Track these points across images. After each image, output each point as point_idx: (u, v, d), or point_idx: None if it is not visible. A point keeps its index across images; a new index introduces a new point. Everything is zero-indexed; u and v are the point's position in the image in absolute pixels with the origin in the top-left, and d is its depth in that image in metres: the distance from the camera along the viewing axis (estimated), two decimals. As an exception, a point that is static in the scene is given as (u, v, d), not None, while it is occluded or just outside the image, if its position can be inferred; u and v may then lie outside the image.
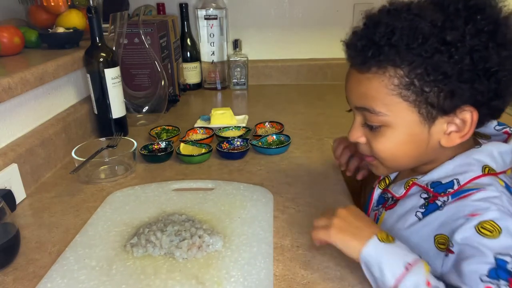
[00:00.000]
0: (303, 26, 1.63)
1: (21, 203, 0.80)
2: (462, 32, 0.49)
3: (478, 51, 0.49)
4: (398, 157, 0.58)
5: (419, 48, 0.50)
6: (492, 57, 0.49)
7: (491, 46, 0.49)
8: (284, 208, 0.75)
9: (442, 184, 0.56)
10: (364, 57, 0.53)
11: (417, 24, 0.50)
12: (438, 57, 0.49)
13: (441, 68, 0.50)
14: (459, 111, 0.53)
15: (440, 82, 0.51)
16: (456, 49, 0.49)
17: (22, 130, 0.88)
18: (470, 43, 0.49)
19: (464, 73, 0.50)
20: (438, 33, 0.49)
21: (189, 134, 1.07)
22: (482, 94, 0.51)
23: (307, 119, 1.23)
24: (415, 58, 0.50)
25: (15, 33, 0.99)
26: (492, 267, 0.46)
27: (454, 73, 0.50)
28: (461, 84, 0.50)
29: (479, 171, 0.54)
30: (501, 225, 0.48)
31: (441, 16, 0.50)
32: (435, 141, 0.56)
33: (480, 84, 0.50)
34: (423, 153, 0.57)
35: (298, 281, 0.58)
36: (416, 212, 0.58)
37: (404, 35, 0.50)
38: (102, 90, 1.03)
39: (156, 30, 1.25)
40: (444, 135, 0.55)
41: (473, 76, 0.50)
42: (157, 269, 0.59)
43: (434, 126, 0.54)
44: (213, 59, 1.55)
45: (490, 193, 0.52)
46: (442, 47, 0.49)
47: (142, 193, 0.81)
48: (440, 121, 0.54)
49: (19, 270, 0.62)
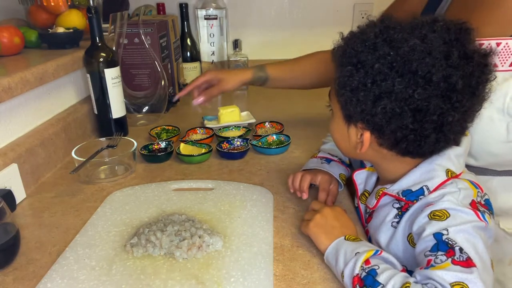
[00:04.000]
0: (303, 26, 1.63)
1: (21, 203, 0.80)
2: (375, 60, 0.54)
3: (382, 81, 0.53)
4: (336, 140, 0.67)
5: (348, 58, 0.57)
6: (392, 91, 0.53)
7: (397, 82, 0.52)
8: (284, 208, 0.75)
9: (413, 192, 0.59)
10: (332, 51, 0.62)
11: (358, 40, 0.56)
12: (349, 70, 0.56)
13: (347, 80, 0.56)
14: (358, 126, 0.59)
15: (345, 92, 0.57)
16: (363, 69, 0.55)
17: (22, 130, 0.88)
18: (377, 72, 0.53)
19: (358, 91, 0.55)
20: (362, 52, 0.55)
21: (189, 134, 1.07)
22: (370, 117, 0.56)
23: (307, 119, 1.23)
24: (343, 65, 0.57)
25: (15, 33, 0.99)
26: (434, 244, 0.51)
27: (353, 88, 0.56)
28: (354, 100, 0.56)
29: (444, 175, 0.58)
30: (451, 212, 0.53)
31: (380, 41, 0.54)
32: (353, 142, 0.62)
33: (369, 106, 0.55)
34: (349, 147, 0.64)
35: (298, 281, 0.58)
36: (392, 223, 0.61)
37: (351, 46, 0.57)
38: (102, 90, 1.03)
39: (156, 30, 1.25)
40: (356, 139, 0.61)
41: (365, 97, 0.55)
42: (157, 269, 0.59)
43: (350, 129, 0.62)
44: (213, 59, 1.55)
45: (448, 189, 0.56)
46: (358, 64, 0.55)
47: (142, 193, 0.81)
48: (352, 127, 0.61)
49: (19, 270, 0.62)
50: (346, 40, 0.59)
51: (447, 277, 0.46)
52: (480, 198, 0.57)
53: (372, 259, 0.53)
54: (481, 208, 0.55)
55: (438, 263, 0.48)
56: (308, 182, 0.76)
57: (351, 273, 0.53)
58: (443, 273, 0.46)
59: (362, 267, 0.53)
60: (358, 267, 0.53)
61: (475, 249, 0.49)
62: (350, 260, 0.55)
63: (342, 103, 0.59)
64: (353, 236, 0.60)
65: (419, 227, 0.54)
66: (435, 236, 0.51)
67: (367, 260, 0.53)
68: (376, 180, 0.70)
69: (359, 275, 0.52)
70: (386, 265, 0.52)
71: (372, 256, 0.54)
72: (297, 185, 0.77)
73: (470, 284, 0.45)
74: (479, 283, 0.45)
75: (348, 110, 0.59)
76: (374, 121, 0.56)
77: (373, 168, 0.70)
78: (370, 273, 0.51)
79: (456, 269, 0.47)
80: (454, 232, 0.50)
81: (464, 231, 0.50)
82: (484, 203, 0.56)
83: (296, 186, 0.77)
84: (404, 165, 0.61)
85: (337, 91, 0.60)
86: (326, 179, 0.77)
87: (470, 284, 0.45)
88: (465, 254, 0.48)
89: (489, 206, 0.57)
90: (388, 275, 0.50)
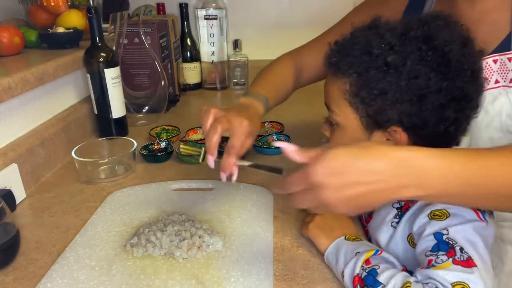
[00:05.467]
0: (303, 26, 1.63)
1: (21, 203, 0.80)
2: (404, 57, 0.52)
3: (416, 78, 0.52)
4: None
5: (367, 63, 0.55)
6: (430, 87, 0.52)
7: (433, 77, 0.52)
8: (284, 208, 0.75)
9: None
10: (329, 61, 0.60)
11: (372, 42, 0.55)
12: (375, 74, 0.54)
13: (376, 85, 0.54)
14: (390, 130, 0.56)
15: (373, 97, 0.55)
16: (395, 71, 0.53)
17: (22, 130, 0.88)
18: (410, 69, 0.52)
19: (395, 95, 0.53)
20: (385, 54, 0.53)
21: (189, 134, 1.07)
22: (409, 118, 0.54)
23: (307, 119, 1.23)
24: (362, 71, 0.55)
25: (15, 33, 0.99)
26: (434, 243, 0.50)
27: (387, 92, 0.54)
28: (391, 104, 0.54)
29: None
30: (451, 212, 0.52)
31: (397, 40, 0.54)
32: None
33: (409, 108, 0.53)
34: None
35: (298, 281, 0.58)
36: (391, 223, 0.61)
37: (360, 50, 0.55)
38: (102, 90, 1.03)
39: (156, 30, 1.25)
40: None
41: (404, 99, 0.53)
42: (157, 269, 0.59)
43: (373, 137, 0.58)
44: (213, 59, 1.55)
45: None
46: (384, 66, 0.53)
47: (142, 193, 0.81)
48: (377, 134, 0.58)
49: (19, 270, 0.62)
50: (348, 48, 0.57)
51: (448, 277, 0.46)
52: None
53: (372, 259, 0.53)
54: None
55: (439, 263, 0.48)
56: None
57: (351, 273, 0.53)
58: (444, 273, 0.46)
59: (363, 267, 0.53)
60: (359, 267, 0.53)
61: (475, 248, 0.49)
62: (350, 260, 0.55)
63: (369, 110, 0.56)
64: (353, 236, 0.60)
65: (419, 227, 0.54)
66: (435, 236, 0.51)
67: (367, 260, 0.53)
68: None
69: (359, 275, 0.52)
70: (387, 264, 0.52)
71: (372, 256, 0.54)
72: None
73: (471, 284, 0.45)
74: (479, 283, 0.45)
75: (380, 116, 0.56)
76: (415, 120, 0.54)
77: None
78: (371, 273, 0.51)
79: (457, 269, 0.47)
80: (454, 231, 0.50)
81: (465, 230, 0.50)
82: None
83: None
84: None
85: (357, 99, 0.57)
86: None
87: (471, 284, 0.45)
88: (466, 254, 0.48)
89: None
90: (388, 274, 0.50)
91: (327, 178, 0.43)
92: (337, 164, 0.44)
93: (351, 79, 0.56)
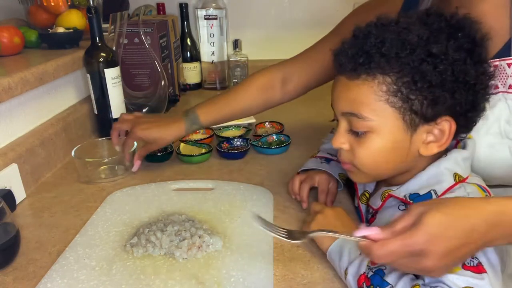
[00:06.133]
0: (303, 26, 1.63)
1: (21, 203, 0.80)
2: (445, 46, 0.53)
3: (458, 64, 0.53)
4: (379, 163, 0.59)
5: (407, 58, 0.53)
6: (470, 71, 0.53)
7: (468, 62, 0.53)
8: (284, 208, 0.75)
9: (421, 195, 0.58)
10: (355, 64, 0.55)
11: (405, 36, 0.53)
12: (425, 66, 0.52)
13: (426, 77, 0.53)
14: (439, 121, 0.56)
15: (424, 91, 0.53)
16: (441, 60, 0.52)
17: (22, 130, 0.88)
18: (452, 57, 0.53)
19: (447, 84, 0.53)
20: (424, 45, 0.53)
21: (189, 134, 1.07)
22: (460, 104, 0.55)
23: (307, 119, 1.23)
24: (403, 66, 0.53)
25: (15, 33, 0.99)
26: None
27: (438, 82, 0.53)
28: (444, 93, 0.53)
29: (451, 179, 0.57)
30: None
31: (426, 31, 0.54)
32: (415, 150, 0.58)
33: (460, 94, 0.54)
34: (403, 161, 0.59)
35: (298, 281, 0.58)
36: None
37: (394, 45, 0.53)
38: (102, 90, 1.03)
39: (156, 30, 1.25)
40: (423, 144, 0.57)
41: (454, 87, 0.53)
42: (157, 269, 0.59)
43: (416, 135, 0.57)
44: (213, 59, 1.55)
45: (457, 194, 0.55)
46: (428, 58, 0.52)
47: (142, 193, 0.81)
48: (421, 130, 0.57)
49: (19, 270, 0.62)
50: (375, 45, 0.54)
51: (458, 281, 0.46)
52: None
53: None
54: None
55: None
56: (307, 190, 0.76)
57: (356, 272, 0.53)
58: (454, 277, 0.46)
59: (369, 266, 0.52)
60: (365, 266, 0.53)
61: (485, 254, 0.49)
62: (355, 258, 0.54)
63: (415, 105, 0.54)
64: None
65: None
66: None
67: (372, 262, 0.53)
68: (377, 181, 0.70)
69: (365, 274, 0.52)
70: None
71: None
72: (297, 190, 0.77)
73: None
74: None
75: (431, 109, 0.54)
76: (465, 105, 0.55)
77: None
78: (378, 273, 0.51)
79: (467, 274, 0.46)
80: None
81: None
82: None
83: (296, 192, 0.77)
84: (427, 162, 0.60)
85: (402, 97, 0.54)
86: (324, 179, 0.77)
87: None
88: (476, 260, 0.48)
89: None
90: (396, 275, 0.50)
91: (431, 246, 0.43)
92: (438, 229, 0.43)
93: (389, 77, 0.54)
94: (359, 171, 0.61)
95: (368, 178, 0.64)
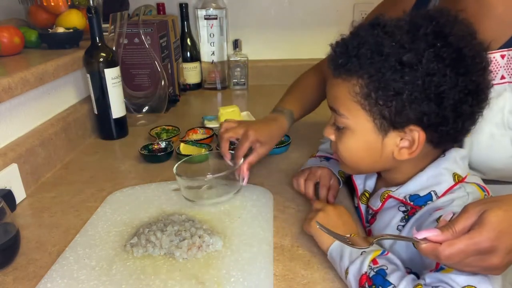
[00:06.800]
0: (303, 26, 1.63)
1: (21, 203, 0.80)
2: (420, 55, 0.51)
3: (432, 75, 0.51)
4: (355, 158, 0.62)
5: (379, 64, 0.53)
6: (446, 83, 0.51)
7: (449, 73, 0.51)
8: (284, 208, 0.75)
9: (421, 197, 0.58)
10: (337, 63, 0.58)
11: (382, 41, 0.53)
12: (391, 74, 0.52)
13: (392, 85, 0.53)
14: (408, 129, 0.55)
15: (390, 98, 0.54)
16: (410, 70, 0.52)
17: (22, 130, 0.88)
18: (426, 67, 0.51)
19: (413, 94, 0.52)
20: (397, 53, 0.52)
21: (189, 134, 1.07)
22: (428, 116, 0.53)
23: (307, 119, 1.23)
24: (374, 72, 0.54)
25: (15, 33, 0.99)
26: None
27: (404, 92, 0.52)
28: (409, 104, 0.53)
29: (451, 179, 0.57)
30: None
31: (407, 37, 0.53)
32: (388, 152, 0.58)
33: (427, 107, 0.53)
34: (378, 161, 0.60)
35: (298, 281, 0.58)
36: (397, 226, 0.61)
37: (369, 50, 0.54)
38: (102, 90, 1.03)
39: (156, 30, 1.25)
40: (396, 147, 0.58)
41: (422, 98, 0.52)
42: (157, 269, 0.59)
43: (387, 138, 0.57)
44: (213, 59, 1.55)
45: (457, 194, 0.55)
46: (398, 66, 0.52)
47: (142, 193, 0.81)
48: (392, 135, 0.57)
49: (19, 270, 0.62)
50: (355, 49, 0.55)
51: (460, 280, 0.46)
52: None
53: (379, 259, 0.53)
54: None
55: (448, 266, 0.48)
56: (312, 187, 0.76)
57: (357, 271, 0.53)
58: (455, 276, 0.46)
59: (370, 266, 0.52)
60: (366, 266, 0.53)
61: None
62: (356, 258, 0.54)
63: (383, 111, 0.55)
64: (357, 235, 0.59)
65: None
66: None
67: (374, 260, 0.53)
68: (376, 180, 0.70)
69: (367, 273, 0.52)
70: (393, 266, 0.52)
71: (379, 256, 0.53)
72: (303, 189, 0.77)
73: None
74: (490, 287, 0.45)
75: (397, 117, 0.54)
76: (434, 117, 0.53)
77: None
78: (379, 272, 0.51)
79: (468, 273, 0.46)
80: None
81: None
82: None
83: (303, 190, 0.77)
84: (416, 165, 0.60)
85: (371, 101, 0.55)
86: (326, 173, 0.77)
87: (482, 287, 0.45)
88: None
89: None
90: (398, 275, 0.50)
91: (499, 243, 0.43)
92: (503, 226, 0.43)
93: (362, 80, 0.55)
94: (343, 163, 0.64)
95: (352, 170, 0.67)
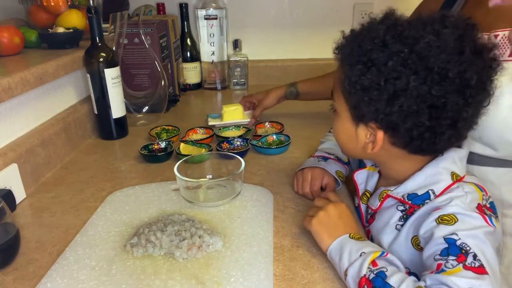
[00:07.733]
0: (303, 26, 1.63)
1: (21, 203, 0.80)
2: (388, 57, 0.52)
3: (395, 78, 0.52)
4: (341, 141, 0.66)
5: (357, 57, 0.55)
6: (407, 89, 0.52)
7: (412, 79, 0.51)
8: (284, 208, 0.75)
9: (419, 196, 0.59)
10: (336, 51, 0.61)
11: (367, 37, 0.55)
12: (359, 69, 0.54)
13: (358, 80, 0.55)
14: (370, 125, 0.58)
15: (354, 91, 0.56)
16: (376, 69, 0.53)
17: (22, 130, 0.88)
18: (390, 69, 0.52)
19: (371, 91, 0.54)
20: (371, 49, 0.54)
21: (189, 134, 1.07)
22: (383, 116, 0.54)
23: (307, 119, 1.23)
24: (352, 63, 0.56)
25: (15, 33, 0.99)
26: (444, 247, 0.50)
27: (365, 88, 0.54)
28: (366, 99, 0.55)
29: (449, 179, 0.58)
30: (459, 217, 0.53)
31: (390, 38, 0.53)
32: (362, 142, 0.61)
33: (383, 107, 0.54)
34: (355, 148, 0.62)
35: (298, 281, 0.58)
36: (396, 225, 0.61)
37: (356, 42, 0.56)
38: (102, 90, 1.03)
39: (156, 30, 1.25)
40: (366, 140, 0.60)
41: (380, 97, 0.53)
42: (157, 269, 0.59)
43: (359, 129, 0.60)
44: (213, 59, 1.55)
45: (455, 193, 0.56)
46: (368, 62, 0.54)
47: (142, 193, 0.81)
48: (362, 127, 0.59)
49: (19, 270, 0.62)
50: (352, 39, 0.57)
51: (461, 283, 0.46)
52: (485, 201, 0.56)
53: (378, 260, 0.53)
54: (487, 211, 0.54)
55: (449, 268, 0.48)
56: (307, 187, 0.77)
57: (357, 273, 0.53)
58: (456, 279, 0.46)
59: (370, 268, 0.52)
60: (365, 268, 0.52)
61: (485, 256, 0.49)
62: (355, 259, 0.54)
63: (352, 103, 0.58)
64: (357, 235, 0.59)
65: (427, 231, 0.54)
66: (446, 240, 0.51)
67: (373, 262, 0.53)
68: (378, 180, 0.70)
69: (366, 276, 0.52)
70: (393, 267, 0.52)
71: (378, 258, 0.53)
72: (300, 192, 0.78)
73: None
74: None
75: (359, 110, 0.57)
76: (389, 120, 0.54)
77: (374, 167, 0.70)
78: (379, 275, 0.51)
79: (469, 275, 0.47)
80: (465, 237, 0.50)
81: (476, 237, 0.50)
82: (489, 206, 0.56)
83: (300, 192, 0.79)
84: (411, 164, 0.60)
85: (345, 91, 0.58)
86: (317, 174, 0.78)
87: None
88: (478, 262, 0.48)
89: (494, 209, 0.57)
90: (398, 278, 0.50)
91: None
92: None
93: (349, 70, 0.56)
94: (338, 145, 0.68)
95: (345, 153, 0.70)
